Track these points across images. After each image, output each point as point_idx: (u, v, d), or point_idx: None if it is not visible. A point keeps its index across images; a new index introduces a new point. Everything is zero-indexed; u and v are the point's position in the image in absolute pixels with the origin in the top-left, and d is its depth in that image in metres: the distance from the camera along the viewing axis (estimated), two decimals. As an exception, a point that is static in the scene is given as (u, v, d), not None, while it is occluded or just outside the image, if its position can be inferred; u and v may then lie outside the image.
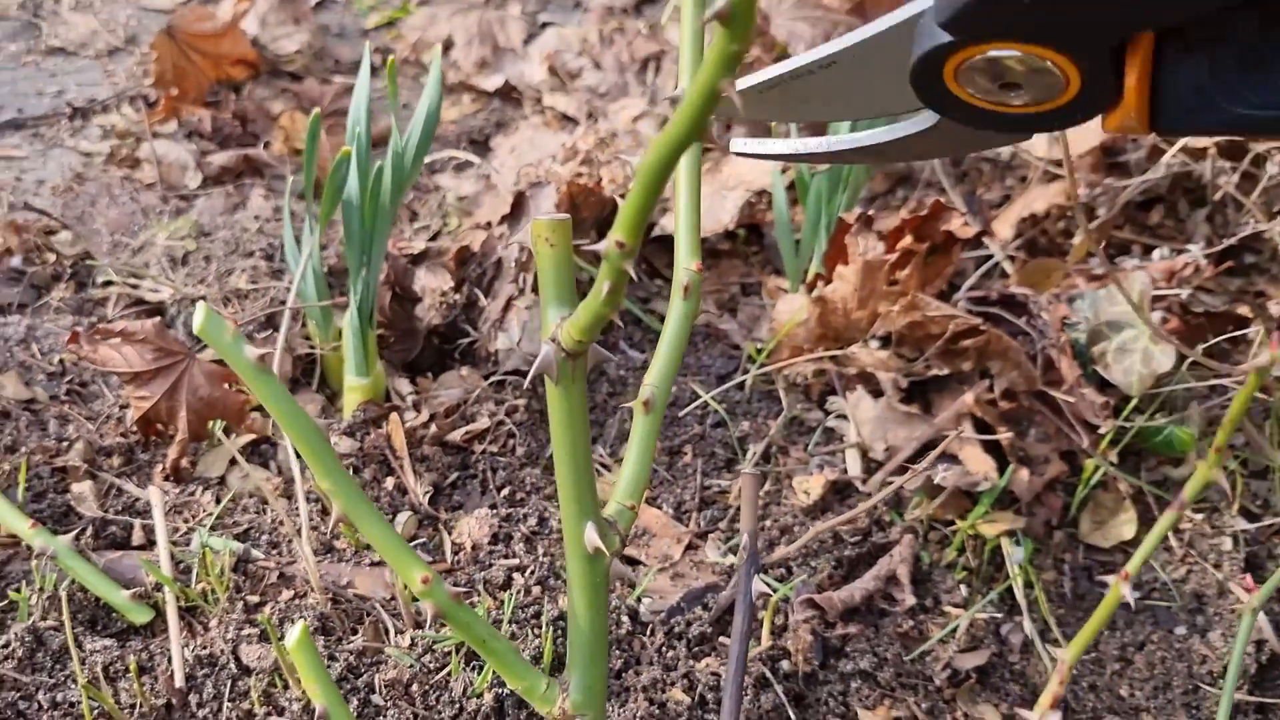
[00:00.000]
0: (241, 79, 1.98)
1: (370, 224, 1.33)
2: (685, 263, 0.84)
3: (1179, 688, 1.35)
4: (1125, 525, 1.52)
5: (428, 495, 1.38)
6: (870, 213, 1.44)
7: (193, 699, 1.16)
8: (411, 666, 1.19)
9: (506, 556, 1.33)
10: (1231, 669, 1.12)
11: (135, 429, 1.39)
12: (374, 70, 1.32)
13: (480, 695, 1.17)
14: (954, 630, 1.34)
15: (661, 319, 1.67)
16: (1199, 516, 1.54)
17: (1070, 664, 0.76)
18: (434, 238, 1.70)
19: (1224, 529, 1.54)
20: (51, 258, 1.60)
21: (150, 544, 1.30)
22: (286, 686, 1.16)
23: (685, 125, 0.51)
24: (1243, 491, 1.57)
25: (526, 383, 1.36)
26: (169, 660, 1.18)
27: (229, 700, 1.16)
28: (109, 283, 1.58)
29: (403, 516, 1.36)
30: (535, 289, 1.55)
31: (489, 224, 1.60)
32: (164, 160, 1.77)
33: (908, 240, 1.46)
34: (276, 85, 1.99)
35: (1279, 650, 1.40)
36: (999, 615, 1.39)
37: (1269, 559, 1.52)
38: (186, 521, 1.33)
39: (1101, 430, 1.50)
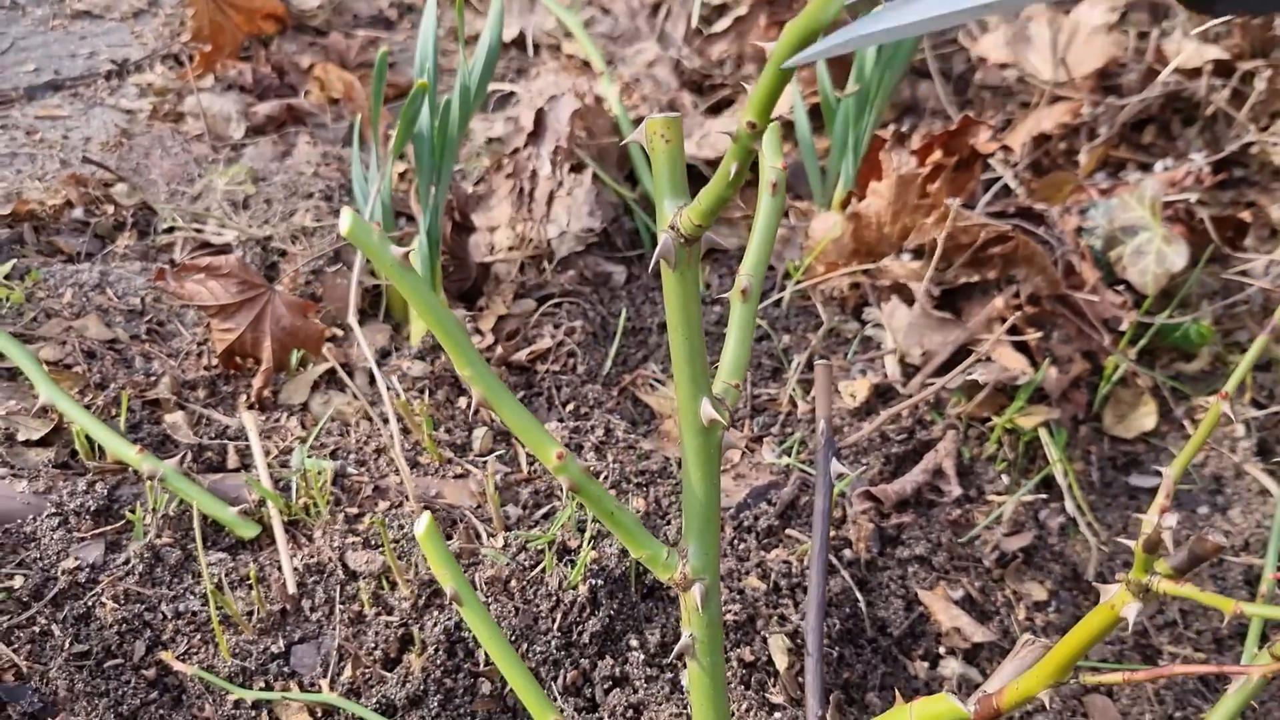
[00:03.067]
0: (271, 33, 2.03)
1: (440, 154, 1.40)
2: (771, 161, 0.92)
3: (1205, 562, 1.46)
4: (1146, 417, 1.63)
5: (501, 412, 1.46)
6: (904, 129, 1.52)
7: (305, 604, 1.24)
8: (508, 565, 1.27)
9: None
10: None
11: (217, 363, 1.46)
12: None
13: (575, 587, 1.25)
14: (998, 517, 1.45)
15: (727, 226, 1.77)
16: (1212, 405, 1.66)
17: (1175, 479, 0.88)
18: (479, 182, 1.77)
19: (1236, 417, 1.65)
20: (111, 208, 1.65)
21: (245, 467, 1.37)
22: (394, 587, 1.24)
23: (814, 12, 0.58)
24: (1250, 383, 1.68)
25: (652, 266, 1.44)
26: (279, 570, 1.25)
27: (340, 603, 1.23)
28: (172, 229, 1.64)
29: (479, 431, 1.43)
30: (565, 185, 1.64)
31: (515, 150, 1.68)
32: (209, 112, 1.82)
33: (937, 155, 1.55)
34: (303, 40, 2.04)
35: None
36: (1035, 502, 1.50)
37: (1278, 444, 1.64)
38: (276, 445, 1.40)
39: (1122, 327, 1.61)
